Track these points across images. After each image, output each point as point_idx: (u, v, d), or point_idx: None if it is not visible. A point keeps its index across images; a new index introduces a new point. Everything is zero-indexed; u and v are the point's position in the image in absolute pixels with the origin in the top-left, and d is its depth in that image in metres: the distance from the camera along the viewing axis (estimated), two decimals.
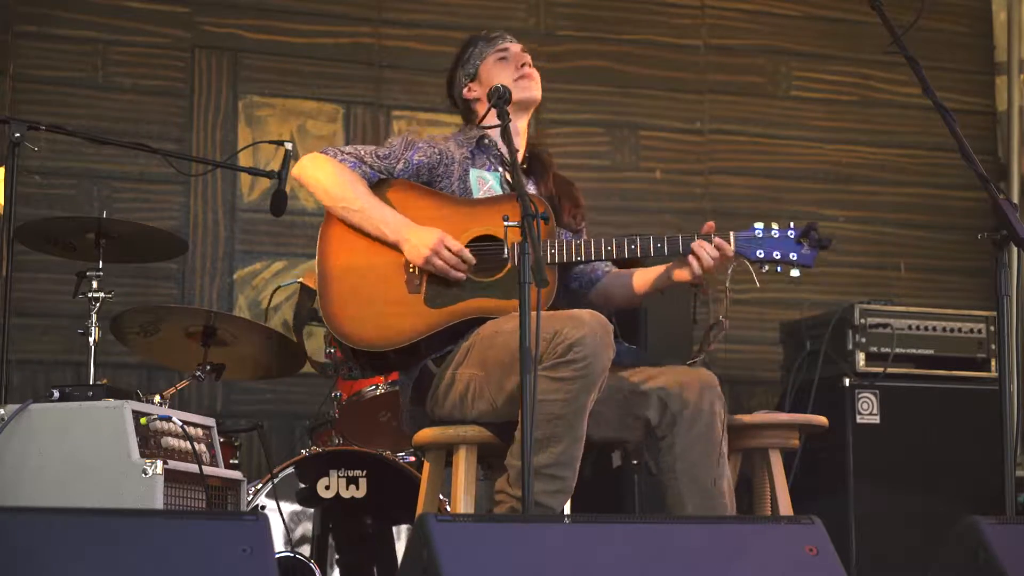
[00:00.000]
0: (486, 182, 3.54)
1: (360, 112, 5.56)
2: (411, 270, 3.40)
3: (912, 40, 3.18)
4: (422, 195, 3.50)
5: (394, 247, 3.41)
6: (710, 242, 3.31)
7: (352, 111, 5.56)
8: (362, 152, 3.52)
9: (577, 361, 3.10)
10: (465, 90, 3.68)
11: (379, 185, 3.50)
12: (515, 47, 3.66)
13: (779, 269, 3.31)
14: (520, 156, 3.63)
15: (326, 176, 3.47)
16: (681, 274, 3.41)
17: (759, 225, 3.34)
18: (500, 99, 3.26)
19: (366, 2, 5.65)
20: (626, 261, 3.53)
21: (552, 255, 3.34)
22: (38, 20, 5.26)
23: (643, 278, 3.57)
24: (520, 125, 3.63)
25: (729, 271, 3.35)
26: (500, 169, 3.59)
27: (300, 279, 4.52)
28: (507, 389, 3.23)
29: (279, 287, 4.68)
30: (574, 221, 3.62)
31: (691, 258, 3.32)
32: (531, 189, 3.60)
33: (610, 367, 3.18)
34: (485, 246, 3.40)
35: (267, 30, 5.51)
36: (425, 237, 3.36)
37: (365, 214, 3.42)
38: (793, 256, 3.32)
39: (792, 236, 3.33)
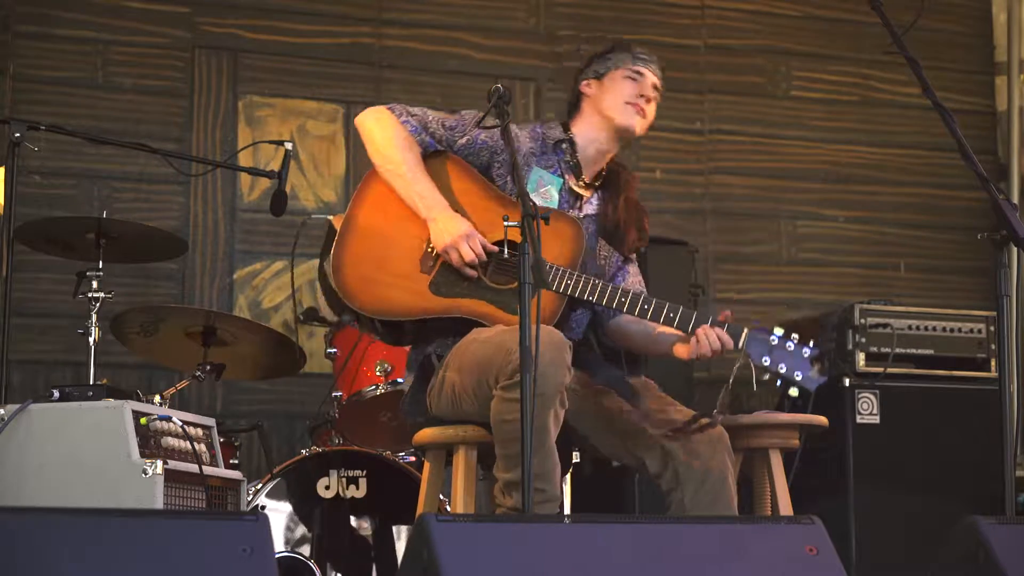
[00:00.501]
0: (545, 184, 3.49)
1: (360, 112, 5.55)
2: (429, 249, 3.38)
3: (912, 40, 3.18)
4: (468, 178, 3.46)
5: (424, 223, 3.38)
6: (722, 327, 3.23)
7: (352, 111, 5.55)
8: (429, 117, 3.48)
9: None
10: (584, 83, 3.62)
11: (433, 155, 3.46)
12: (651, 78, 3.59)
13: (779, 383, 3.19)
14: (594, 175, 3.57)
15: (383, 134, 3.45)
16: (680, 351, 3.36)
17: (778, 332, 3.22)
18: (500, 99, 3.25)
19: (366, 2, 5.64)
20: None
21: (567, 285, 3.30)
22: (38, 20, 5.26)
23: (648, 335, 3.50)
24: (611, 147, 3.57)
25: (735, 369, 3.25)
26: (566, 176, 3.52)
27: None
28: (482, 395, 3.21)
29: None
30: (626, 250, 3.56)
31: (693, 340, 3.27)
32: (594, 206, 3.55)
33: (565, 383, 3.11)
34: (508, 254, 3.36)
35: (267, 30, 5.51)
36: (454, 225, 3.34)
37: (406, 181, 3.40)
38: (798, 376, 3.19)
39: (806, 355, 3.22)
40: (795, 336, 3.21)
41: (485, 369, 3.15)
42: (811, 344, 3.22)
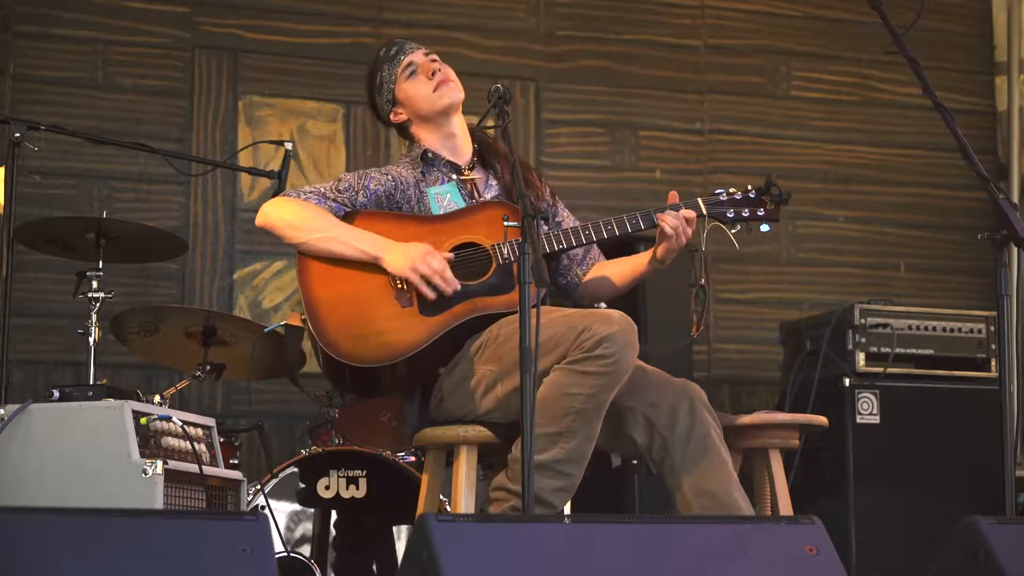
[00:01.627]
0: (444, 196, 3.54)
1: (360, 112, 5.56)
2: (398, 285, 3.38)
3: (912, 40, 3.18)
4: (392, 219, 3.49)
5: (376, 267, 3.38)
6: (676, 208, 3.46)
7: (352, 111, 5.56)
8: (322, 189, 3.50)
9: (605, 357, 3.12)
10: (392, 116, 3.67)
11: (347, 217, 3.47)
12: (418, 56, 3.66)
13: (750, 228, 3.50)
14: (468, 155, 3.63)
15: (292, 214, 3.44)
16: (662, 245, 3.46)
17: (720, 190, 3.53)
18: (500, 99, 3.25)
19: (366, 2, 5.64)
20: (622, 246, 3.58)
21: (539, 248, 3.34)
22: (38, 20, 5.26)
23: (628, 265, 3.62)
24: (452, 127, 3.62)
25: (703, 235, 3.49)
26: (453, 176, 3.58)
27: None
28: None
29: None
30: (541, 204, 3.61)
31: (659, 233, 3.43)
32: (494, 187, 3.60)
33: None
34: (466, 253, 3.42)
35: (267, 30, 5.51)
36: (407, 251, 3.36)
37: (340, 239, 3.40)
38: (760, 212, 3.50)
39: (754, 196, 3.50)
40: (733, 188, 3.53)
41: (550, 349, 3.17)
42: (748, 186, 3.53)
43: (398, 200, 3.53)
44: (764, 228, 3.51)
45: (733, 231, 3.49)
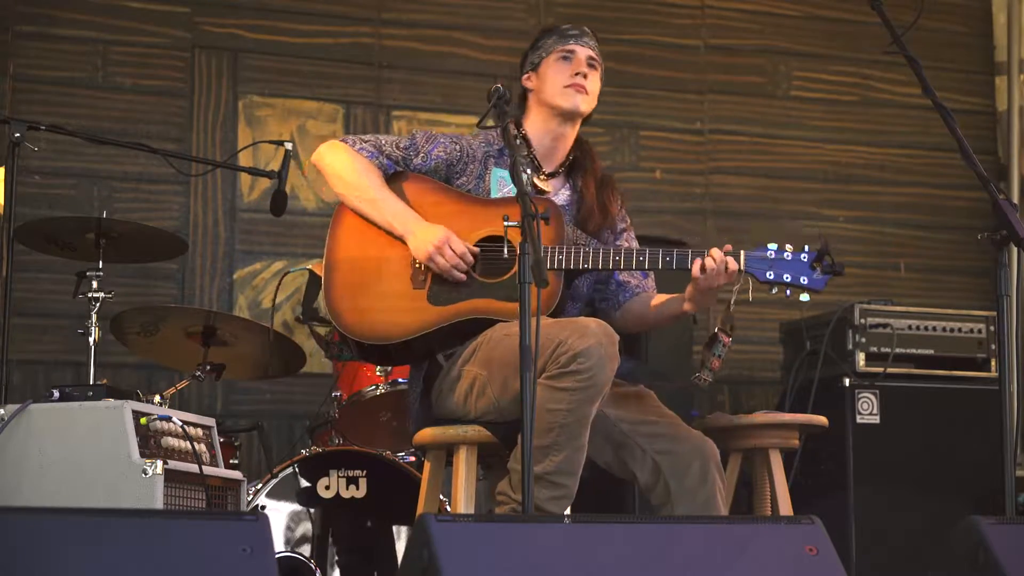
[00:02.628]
0: (507, 183, 3.50)
1: (360, 112, 5.56)
2: (417, 265, 3.38)
3: (912, 40, 3.18)
4: (436, 190, 3.48)
5: (400, 240, 3.39)
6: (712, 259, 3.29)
7: (352, 111, 5.56)
8: (382, 141, 3.50)
9: (581, 372, 3.09)
10: (524, 79, 3.66)
11: (394, 178, 3.48)
12: (583, 51, 3.62)
13: (788, 293, 3.28)
14: (558, 163, 3.59)
15: (342, 164, 3.45)
16: (690, 287, 3.35)
17: (772, 246, 3.32)
18: (500, 99, 3.25)
19: (366, 2, 5.64)
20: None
21: (559, 260, 3.31)
22: (38, 20, 5.26)
23: (660, 305, 3.53)
24: (564, 131, 3.58)
25: (736, 287, 3.30)
26: (528, 172, 3.51)
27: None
28: (512, 389, 3.22)
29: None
30: (605, 230, 3.56)
31: (697, 269, 3.28)
32: (566, 193, 3.56)
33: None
34: (494, 247, 3.38)
35: (267, 30, 5.51)
36: (431, 233, 3.35)
37: (376, 205, 3.41)
38: (804, 280, 3.29)
39: (805, 260, 3.31)
40: (788, 247, 3.32)
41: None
42: (806, 248, 3.31)
43: (458, 171, 3.51)
44: (803, 298, 3.29)
45: (771, 292, 3.30)
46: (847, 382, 4.88)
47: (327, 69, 5.56)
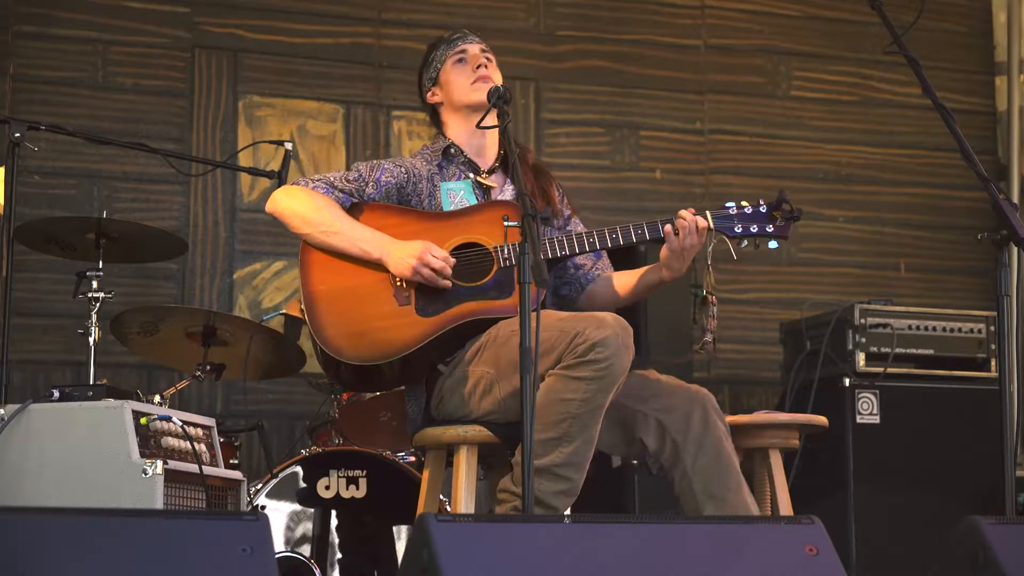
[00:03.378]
0: (456, 194, 3.53)
1: (360, 112, 5.56)
2: (397, 283, 3.39)
3: (912, 40, 3.18)
4: (397, 213, 3.49)
5: (377, 264, 3.39)
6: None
7: (352, 111, 5.56)
8: (331, 178, 3.50)
9: (598, 361, 3.11)
10: (429, 95, 3.69)
11: (353, 209, 3.48)
12: (473, 48, 3.64)
13: (757, 244, 3.43)
14: (491, 159, 3.62)
15: (300, 204, 3.45)
16: (665, 254, 3.43)
17: (731, 203, 3.44)
18: (500, 99, 3.25)
19: (366, 2, 5.65)
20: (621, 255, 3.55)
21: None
22: (38, 20, 5.26)
23: (632, 277, 3.59)
24: (484, 131, 3.59)
25: (709, 248, 3.41)
26: (471, 176, 3.57)
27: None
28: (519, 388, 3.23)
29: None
30: (553, 216, 3.60)
31: (670, 234, 3.36)
32: (508, 191, 3.59)
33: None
34: (468, 253, 3.42)
35: (267, 30, 5.51)
36: (408, 248, 3.36)
37: (344, 235, 3.41)
38: (770, 229, 3.42)
39: (764, 211, 3.43)
40: (744, 202, 3.44)
41: (544, 352, 3.16)
42: (760, 201, 3.44)
43: (408, 193, 3.53)
44: (772, 245, 3.43)
45: (740, 246, 3.43)
46: (847, 382, 4.88)
47: (327, 69, 5.56)
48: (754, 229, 3.42)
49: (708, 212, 3.42)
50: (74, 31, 5.30)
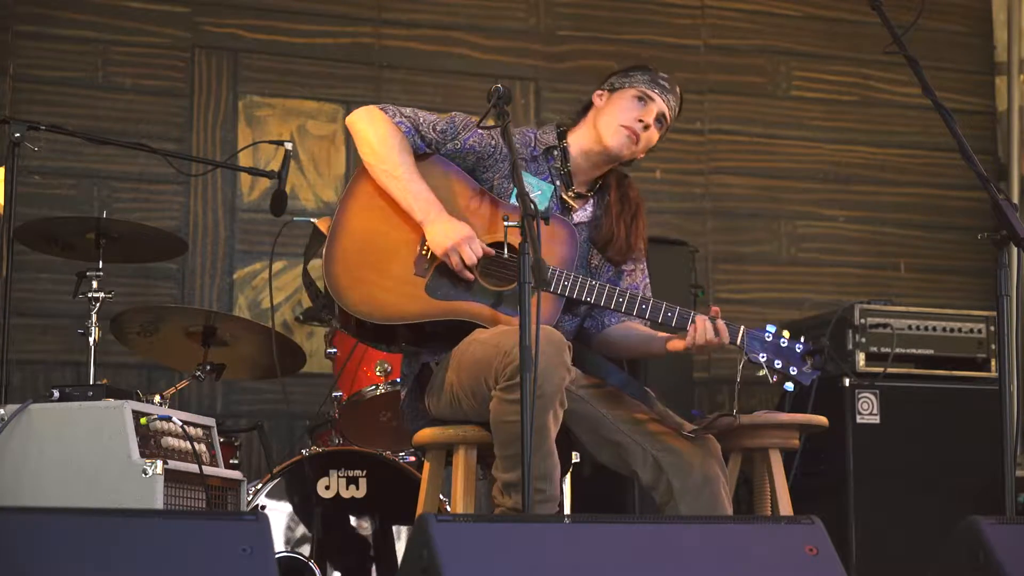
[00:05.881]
0: (533, 190, 3.43)
1: None
2: (424, 252, 3.35)
3: (912, 40, 3.18)
4: (459, 181, 3.42)
5: (417, 224, 3.35)
6: (712, 322, 3.28)
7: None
8: (420, 119, 3.43)
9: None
10: (597, 93, 3.58)
11: (420, 158, 3.41)
12: (660, 106, 3.50)
13: (774, 378, 3.31)
14: (584, 187, 3.53)
15: (376, 133, 3.38)
16: (676, 344, 3.38)
17: (771, 328, 3.33)
18: (500, 99, 3.25)
19: (366, 2, 5.64)
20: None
21: (564, 287, 3.30)
22: (38, 20, 5.26)
23: (641, 337, 3.52)
24: (600, 163, 3.52)
25: (739, 370, 3.31)
26: (557, 183, 3.48)
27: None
28: (479, 396, 3.21)
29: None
30: (617, 258, 3.52)
31: (691, 328, 3.28)
32: (587, 213, 3.52)
33: (564, 384, 3.12)
34: (502, 256, 3.36)
35: (267, 30, 5.51)
36: (453, 229, 3.30)
37: (402, 183, 3.34)
38: (793, 371, 3.31)
39: (799, 352, 3.32)
40: (786, 333, 3.33)
41: (484, 370, 3.15)
42: (802, 340, 3.33)
43: (486, 166, 3.45)
44: (787, 387, 3.31)
45: (757, 373, 3.32)
46: (847, 382, 4.88)
47: (327, 69, 5.56)
48: (778, 364, 3.31)
49: (743, 328, 3.31)
50: (74, 31, 5.30)
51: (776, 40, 6.10)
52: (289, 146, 4.22)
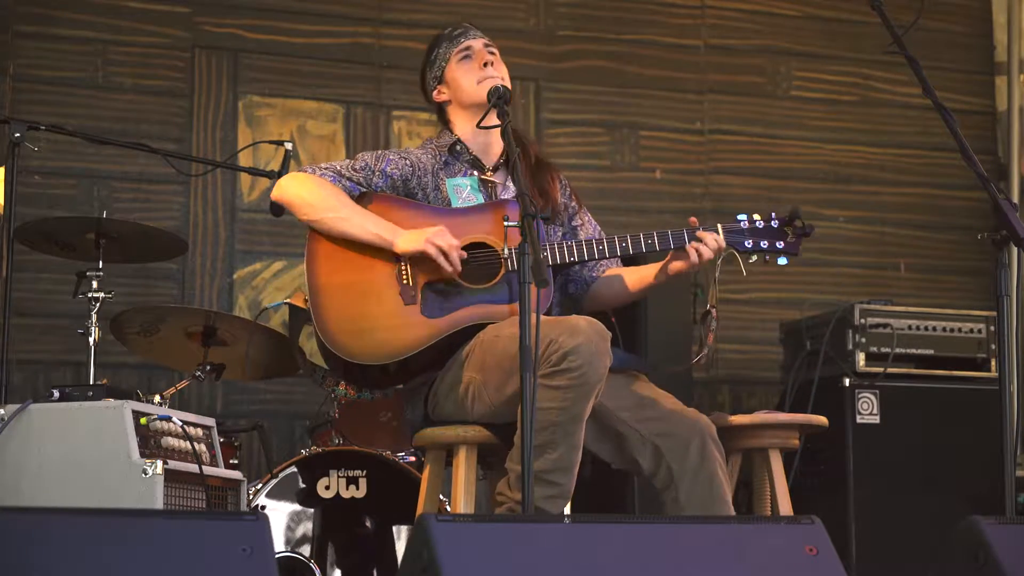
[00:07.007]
0: (463, 189, 3.50)
1: (360, 112, 5.56)
2: (404, 281, 3.35)
3: (912, 40, 3.18)
4: (405, 207, 3.45)
5: (386, 257, 3.36)
6: (694, 236, 3.35)
7: (352, 111, 5.56)
8: (338, 167, 3.46)
9: (572, 370, 3.08)
10: (435, 93, 3.64)
11: (361, 199, 3.43)
12: (477, 43, 3.62)
13: (767, 259, 3.42)
14: (496, 156, 3.59)
15: (308, 191, 3.40)
16: (677, 266, 3.41)
17: (742, 216, 3.42)
18: (500, 99, 3.25)
19: (366, 2, 5.65)
20: (628, 258, 3.53)
21: (544, 257, 3.32)
22: (38, 20, 5.26)
23: (636, 275, 3.57)
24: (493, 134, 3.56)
25: (719, 261, 3.39)
26: (475, 172, 3.54)
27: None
28: (506, 393, 3.22)
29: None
30: (555, 214, 3.57)
31: (691, 248, 3.34)
32: (510, 189, 3.55)
33: (607, 373, 3.17)
34: (477, 254, 3.39)
35: (267, 30, 5.51)
36: (419, 231, 3.33)
37: (354, 221, 3.36)
38: (780, 245, 3.43)
39: (776, 226, 3.43)
40: (757, 215, 3.44)
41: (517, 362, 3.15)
42: (773, 215, 3.44)
43: (413, 187, 3.48)
44: (781, 261, 3.43)
45: (749, 261, 3.41)
46: (847, 382, 4.88)
47: (327, 69, 5.56)
48: (764, 244, 3.41)
49: (719, 225, 3.39)
50: (74, 31, 5.30)
51: (776, 40, 6.11)
52: (289, 146, 4.23)
